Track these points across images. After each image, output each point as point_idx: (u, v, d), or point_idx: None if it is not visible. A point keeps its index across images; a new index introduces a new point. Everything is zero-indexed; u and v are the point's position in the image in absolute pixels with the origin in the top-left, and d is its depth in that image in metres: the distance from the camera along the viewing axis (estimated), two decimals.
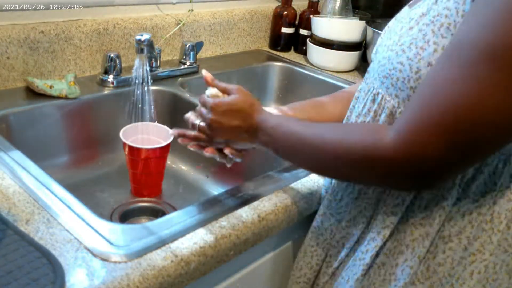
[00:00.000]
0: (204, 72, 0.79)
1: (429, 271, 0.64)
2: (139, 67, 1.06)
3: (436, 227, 0.63)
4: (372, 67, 0.71)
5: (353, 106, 0.75)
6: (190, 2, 1.34)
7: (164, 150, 0.99)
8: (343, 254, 0.73)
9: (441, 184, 0.58)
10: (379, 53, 0.68)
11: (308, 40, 1.53)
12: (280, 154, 0.70)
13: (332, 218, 0.76)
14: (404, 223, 0.65)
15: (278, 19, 1.58)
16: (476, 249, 0.62)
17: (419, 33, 0.60)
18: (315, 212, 0.81)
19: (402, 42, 0.62)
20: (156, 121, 1.09)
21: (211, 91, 0.78)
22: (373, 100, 0.68)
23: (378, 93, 0.67)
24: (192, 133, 0.77)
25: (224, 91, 0.77)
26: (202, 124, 0.76)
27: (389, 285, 0.67)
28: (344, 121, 0.77)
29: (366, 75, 0.73)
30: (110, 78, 1.13)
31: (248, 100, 0.74)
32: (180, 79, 1.25)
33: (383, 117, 0.65)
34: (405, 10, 0.70)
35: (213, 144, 0.77)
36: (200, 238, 0.67)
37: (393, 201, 0.66)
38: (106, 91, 1.12)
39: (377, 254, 0.68)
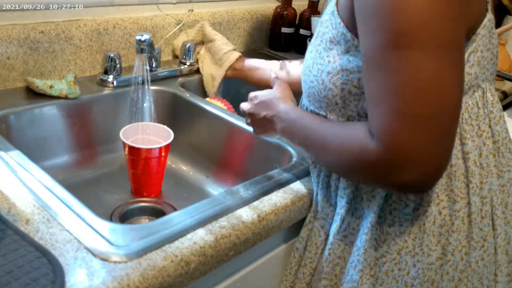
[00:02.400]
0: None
1: (383, 233, 0.72)
2: (139, 67, 1.06)
3: (383, 194, 0.71)
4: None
5: None
6: (190, 2, 1.34)
7: (164, 150, 0.99)
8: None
9: (435, 177, 0.59)
10: (301, 78, 0.77)
11: (308, 40, 1.53)
12: (295, 143, 0.77)
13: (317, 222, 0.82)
14: (354, 202, 0.75)
15: (278, 19, 1.58)
16: (418, 204, 0.69)
17: (316, 53, 0.72)
18: None
19: (308, 65, 0.73)
20: (156, 121, 1.09)
21: None
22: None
23: (310, 110, 0.76)
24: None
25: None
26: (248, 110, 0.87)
27: (351, 253, 0.75)
28: None
29: None
30: (110, 78, 1.13)
31: (279, 93, 0.82)
32: (180, 79, 1.25)
33: None
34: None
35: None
36: (200, 238, 0.67)
37: (343, 185, 0.75)
38: (106, 91, 1.12)
39: (344, 236, 0.77)
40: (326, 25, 0.70)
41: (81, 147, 1.09)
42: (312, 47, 0.74)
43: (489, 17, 0.67)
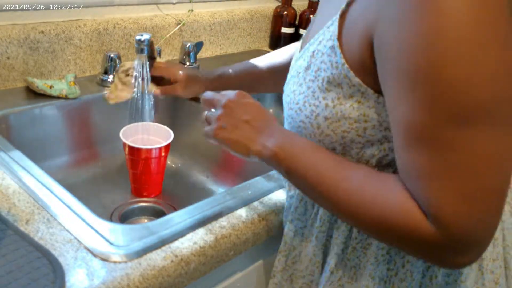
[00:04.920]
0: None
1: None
2: (139, 67, 1.06)
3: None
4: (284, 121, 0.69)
5: None
6: (190, 2, 1.34)
7: (164, 150, 0.99)
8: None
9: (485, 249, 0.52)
10: (284, 109, 0.66)
11: None
12: (292, 179, 0.61)
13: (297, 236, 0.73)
14: (346, 252, 0.65)
15: (278, 19, 1.58)
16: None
17: (308, 90, 0.60)
18: None
19: (297, 100, 0.62)
20: (156, 121, 1.09)
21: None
22: None
23: None
24: None
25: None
26: (209, 114, 0.68)
27: None
28: None
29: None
30: (110, 78, 1.13)
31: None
32: None
33: None
34: (296, 53, 0.69)
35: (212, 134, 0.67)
36: (200, 238, 0.67)
37: (334, 235, 0.65)
38: (106, 91, 1.12)
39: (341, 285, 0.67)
40: (322, 60, 0.58)
41: (81, 147, 1.09)
42: (302, 79, 0.62)
43: None
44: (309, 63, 0.61)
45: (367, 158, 0.60)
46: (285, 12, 1.57)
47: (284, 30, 1.59)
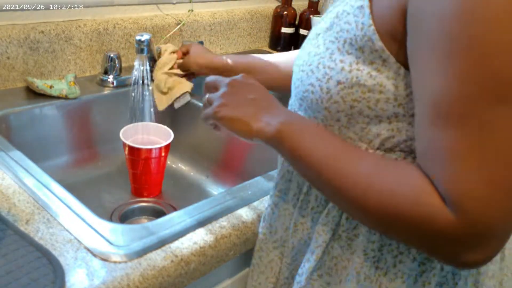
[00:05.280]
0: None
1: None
2: (139, 67, 1.06)
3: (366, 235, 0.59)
4: (291, 87, 0.65)
5: None
6: (190, 2, 1.34)
7: (164, 150, 0.99)
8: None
9: (498, 251, 0.48)
10: (294, 74, 0.63)
11: None
12: (294, 161, 0.57)
13: (272, 252, 0.70)
14: (337, 239, 0.61)
15: (278, 19, 1.58)
16: (424, 258, 0.58)
17: (326, 51, 0.56)
18: None
19: (310, 61, 0.58)
20: (156, 121, 1.09)
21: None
22: None
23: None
24: None
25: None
26: (212, 95, 0.64)
27: None
28: None
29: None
30: (110, 78, 1.13)
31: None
32: None
33: None
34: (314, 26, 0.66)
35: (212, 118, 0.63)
36: (200, 238, 0.67)
37: (323, 221, 0.61)
38: (106, 91, 1.12)
39: (320, 275, 0.63)
40: (347, 20, 0.55)
41: (81, 147, 1.09)
42: (320, 39, 0.58)
43: None
44: (331, 24, 0.57)
45: (371, 138, 0.56)
46: (285, 12, 1.57)
47: (284, 30, 1.58)
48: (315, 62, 0.57)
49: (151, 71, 1.09)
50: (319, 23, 0.62)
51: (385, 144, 0.55)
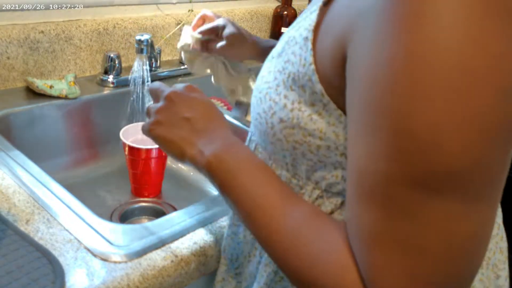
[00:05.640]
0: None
1: None
2: (139, 67, 1.06)
3: None
4: None
5: None
6: (190, 2, 1.34)
7: None
8: None
9: None
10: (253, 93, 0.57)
11: None
12: (225, 197, 0.53)
13: (233, 280, 0.67)
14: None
15: (278, 19, 1.58)
16: None
17: (274, 81, 0.51)
18: None
19: (261, 89, 0.53)
20: None
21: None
22: (252, 148, 0.59)
23: (252, 140, 0.59)
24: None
25: None
26: (150, 106, 0.59)
27: None
28: None
29: None
30: (110, 78, 1.13)
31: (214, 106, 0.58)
32: (180, 79, 1.25)
33: None
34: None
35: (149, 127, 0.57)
36: (200, 238, 0.67)
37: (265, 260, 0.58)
38: (106, 91, 1.12)
39: None
40: (293, 51, 0.49)
41: (81, 147, 1.09)
42: (272, 66, 0.52)
43: None
44: (282, 50, 0.51)
45: (317, 179, 0.51)
46: (285, 12, 1.57)
47: (284, 30, 1.58)
48: (264, 91, 0.53)
49: (151, 71, 1.09)
50: (281, 38, 0.55)
51: (332, 188, 0.51)
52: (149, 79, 1.07)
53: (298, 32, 0.49)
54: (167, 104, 0.56)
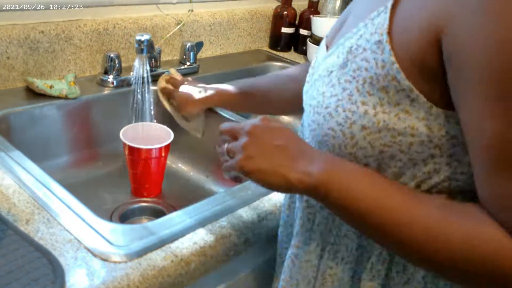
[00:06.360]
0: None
1: None
2: (139, 67, 1.06)
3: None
4: (304, 119, 0.61)
5: None
6: (190, 2, 1.34)
7: (164, 150, 0.99)
8: None
9: None
10: (306, 113, 0.58)
11: (308, 40, 1.53)
12: (343, 213, 0.52)
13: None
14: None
15: (278, 19, 1.58)
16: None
17: (344, 92, 0.52)
18: None
19: (327, 104, 0.53)
20: (156, 121, 1.09)
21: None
22: None
23: None
24: None
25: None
26: (231, 145, 0.57)
27: None
28: None
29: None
30: (110, 78, 1.13)
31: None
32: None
33: None
34: (321, 52, 0.61)
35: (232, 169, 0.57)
36: (200, 238, 0.67)
37: (368, 276, 0.58)
38: (106, 91, 1.12)
39: None
40: (364, 57, 0.50)
41: (81, 147, 1.09)
42: (334, 78, 0.53)
43: None
44: (345, 61, 0.52)
45: (405, 180, 0.52)
46: (285, 12, 1.57)
47: (284, 30, 1.58)
48: (333, 104, 0.52)
49: (151, 71, 1.09)
50: (326, 58, 0.57)
51: (421, 186, 0.52)
52: (149, 79, 1.07)
53: (362, 39, 0.51)
54: (252, 138, 0.55)
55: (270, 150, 0.53)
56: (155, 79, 1.18)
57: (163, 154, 0.99)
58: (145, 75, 1.06)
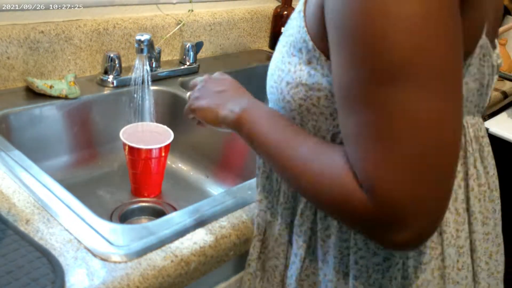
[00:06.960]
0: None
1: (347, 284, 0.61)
2: (139, 67, 1.06)
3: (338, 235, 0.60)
4: None
5: None
6: (190, 2, 1.34)
7: (164, 150, 0.99)
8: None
9: (432, 230, 0.47)
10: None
11: None
12: (253, 146, 0.61)
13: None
14: (314, 239, 0.63)
15: (278, 19, 1.58)
16: (389, 253, 0.58)
17: (279, 55, 0.61)
18: None
19: (271, 66, 0.64)
20: (156, 121, 1.09)
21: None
22: None
23: None
24: None
25: None
26: (190, 92, 0.72)
27: None
28: None
29: None
30: (110, 78, 1.13)
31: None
32: (180, 79, 1.25)
33: None
34: None
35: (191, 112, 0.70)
36: (200, 238, 0.67)
37: (299, 222, 0.63)
38: (106, 91, 1.12)
39: (307, 275, 0.65)
40: (292, 25, 0.60)
41: (81, 147, 1.09)
42: (279, 46, 0.64)
43: (482, 42, 0.56)
44: (285, 31, 0.63)
45: (323, 134, 0.58)
46: (285, 12, 1.57)
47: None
48: (273, 66, 0.63)
49: (151, 70, 1.09)
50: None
51: (336, 139, 0.58)
52: (149, 79, 1.08)
53: (295, 12, 0.60)
54: (204, 84, 0.70)
55: (211, 94, 0.67)
56: (155, 79, 1.18)
57: (163, 154, 0.99)
58: (145, 75, 1.07)
